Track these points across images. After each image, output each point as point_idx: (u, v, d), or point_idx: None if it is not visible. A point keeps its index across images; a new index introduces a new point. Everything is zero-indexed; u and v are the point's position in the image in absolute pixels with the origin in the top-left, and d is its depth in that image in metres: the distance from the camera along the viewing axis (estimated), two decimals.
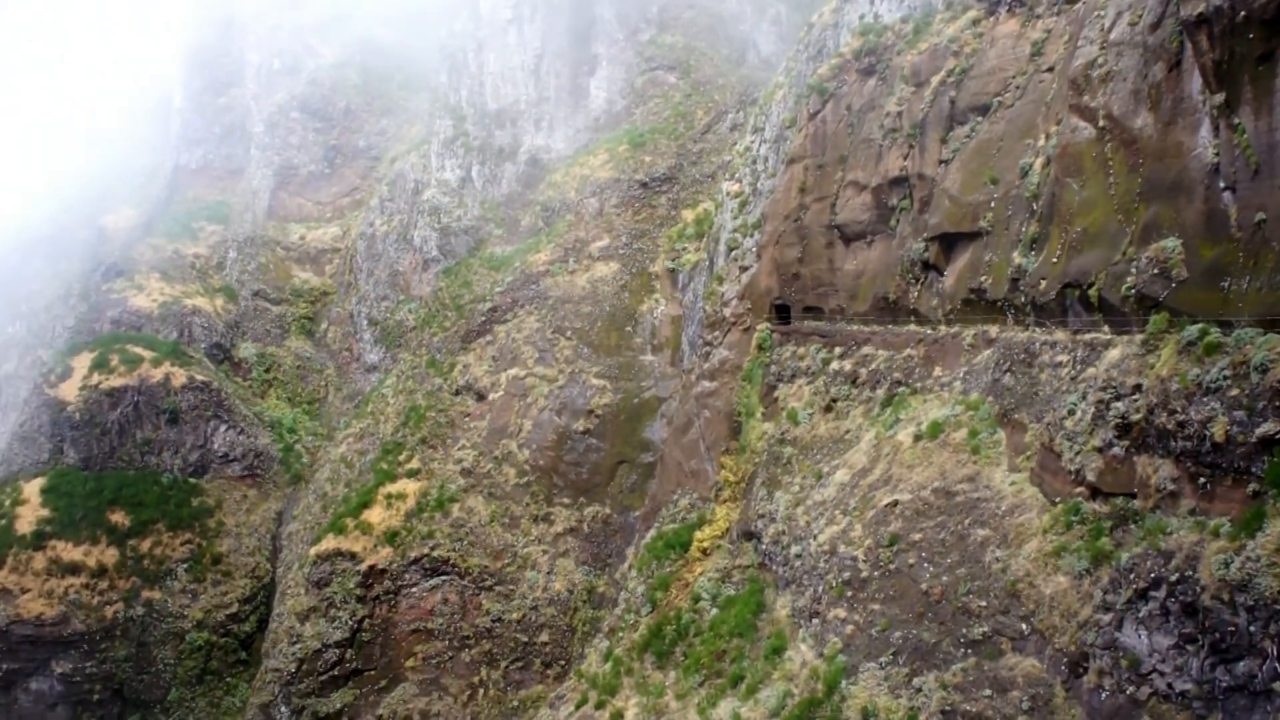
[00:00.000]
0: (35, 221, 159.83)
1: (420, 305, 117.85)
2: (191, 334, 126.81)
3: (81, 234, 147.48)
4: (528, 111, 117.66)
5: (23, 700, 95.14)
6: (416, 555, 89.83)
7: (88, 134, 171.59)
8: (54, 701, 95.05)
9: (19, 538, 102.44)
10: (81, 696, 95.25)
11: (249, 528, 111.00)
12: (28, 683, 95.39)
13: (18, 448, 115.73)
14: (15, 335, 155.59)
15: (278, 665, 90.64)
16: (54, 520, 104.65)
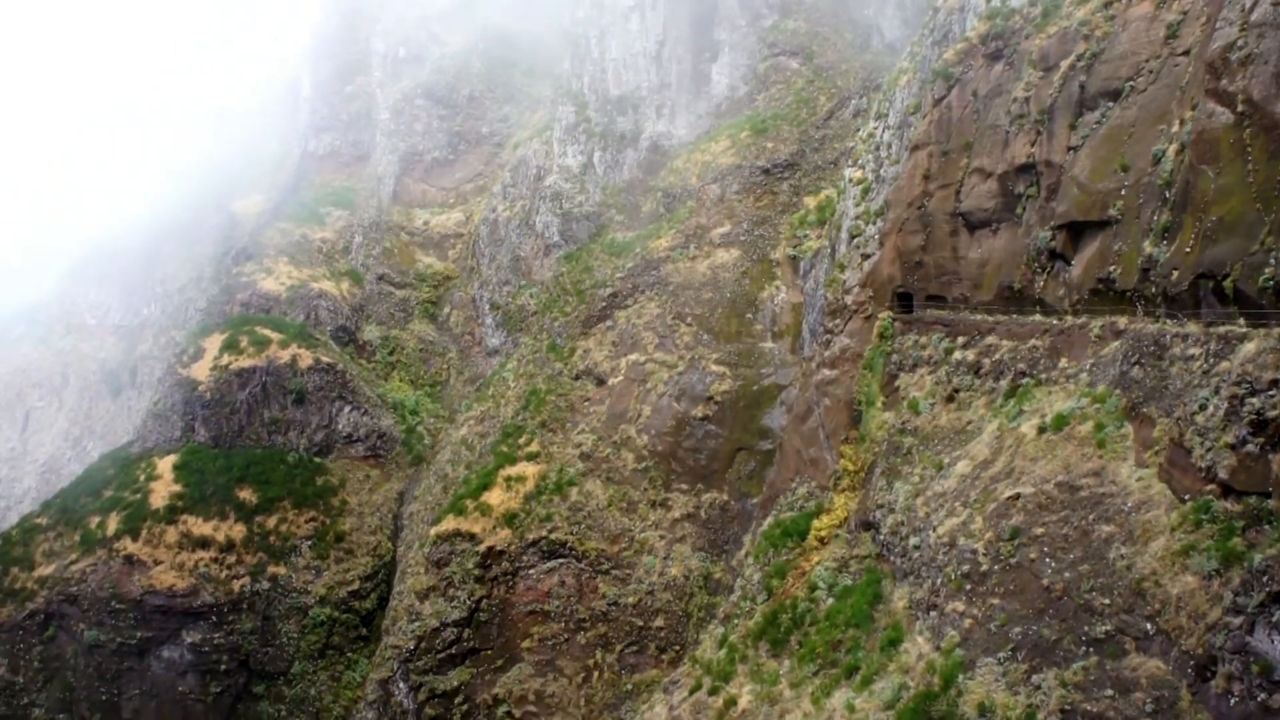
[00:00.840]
0: (169, 207, 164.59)
1: (541, 290, 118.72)
2: (318, 317, 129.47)
3: (213, 219, 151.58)
4: (649, 98, 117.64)
5: (155, 667, 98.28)
6: (534, 537, 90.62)
7: (219, 123, 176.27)
8: (184, 669, 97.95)
9: (153, 511, 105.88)
10: (210, 666, 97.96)
11: (371, 507, 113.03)
12: (160, 650, 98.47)
13: (152, 425, 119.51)
14: (151, 316, 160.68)
15: (397, 642, 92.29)
16: (185, 496, 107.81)
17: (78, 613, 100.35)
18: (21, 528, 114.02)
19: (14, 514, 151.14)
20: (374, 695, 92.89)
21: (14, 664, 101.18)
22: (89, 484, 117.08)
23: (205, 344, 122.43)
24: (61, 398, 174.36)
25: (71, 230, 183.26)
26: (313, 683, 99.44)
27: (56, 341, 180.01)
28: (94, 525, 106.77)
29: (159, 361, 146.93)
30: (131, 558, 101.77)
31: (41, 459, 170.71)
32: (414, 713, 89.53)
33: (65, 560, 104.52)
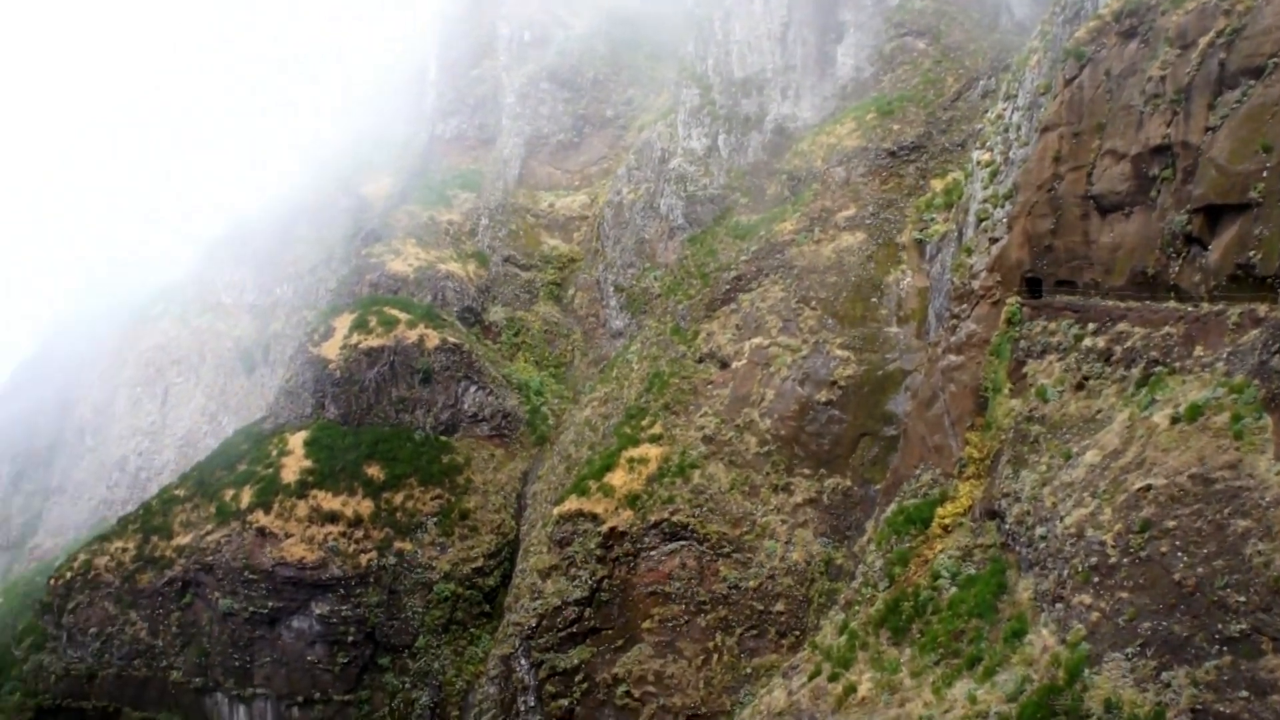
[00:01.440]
0: (301, 191, 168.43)
1: (666, 273, 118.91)
2: (445, 298, 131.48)
3: (343, 202, 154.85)
4: (774, 80, 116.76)
5: (285, 636, 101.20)
6: (656, 519, 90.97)
7: (349, 108, 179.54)
8: (313, 640, 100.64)
9: (284, 486, 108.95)
10: (337, 637, 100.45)
11: (495, 486, 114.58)
12: (290, 620, 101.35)
13: (284, 402, 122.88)
14: (283, 296, 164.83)
15: (519, 619, 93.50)
16: (315, 471, 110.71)
17: (213, 581, 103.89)
18: (161, 498, 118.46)
19: (154, 485, 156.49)
20: (496, 671, 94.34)
21: (154, 628, 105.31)
22: (224, 458, 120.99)
23: (335, 323, 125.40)
24: (199, 374, 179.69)
25: (208, 213, 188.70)
26: (436, 656, 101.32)
27: (194, 320, 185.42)
28: (229, 498, 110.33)
29: (291, 340, 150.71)
30: (264, 530, 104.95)
31: (180, 433, 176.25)
32: (534, 689, 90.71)
33: (201, 531, 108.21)
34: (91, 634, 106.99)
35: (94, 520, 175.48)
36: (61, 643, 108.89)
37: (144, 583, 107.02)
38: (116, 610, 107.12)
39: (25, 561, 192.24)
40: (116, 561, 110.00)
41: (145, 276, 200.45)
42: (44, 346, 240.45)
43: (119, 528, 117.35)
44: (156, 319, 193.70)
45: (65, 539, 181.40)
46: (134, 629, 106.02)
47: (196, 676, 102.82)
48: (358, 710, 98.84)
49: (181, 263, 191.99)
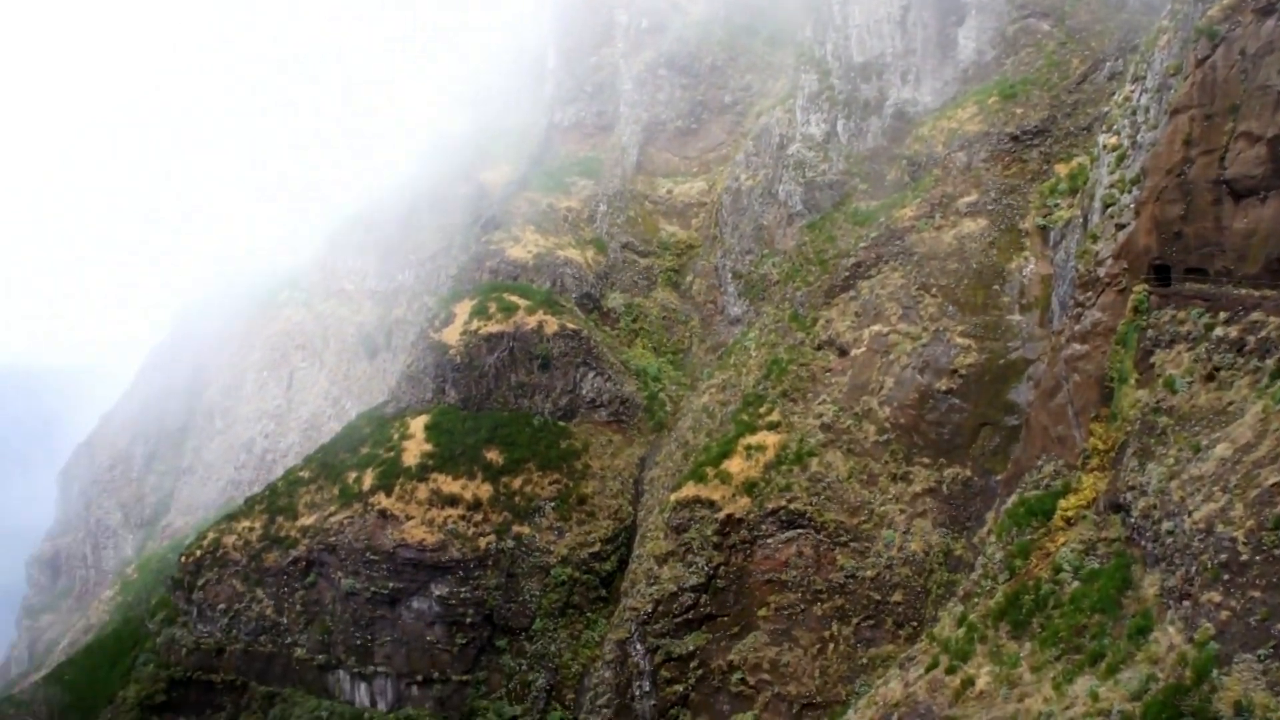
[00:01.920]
0: (423, 179, 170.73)
1: (784, 259, 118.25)
2: (563, 284, 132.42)
3: (463, 189, 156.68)
4: (893, 64, 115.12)
5: (405, 616, 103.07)
6: (774, 507, 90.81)
7: (469, 96, 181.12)
8: (432, 620, 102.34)
9: (405, 469, 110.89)
10: (456, 618, 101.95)
11: (613, 471, 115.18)
12: (410, 601, 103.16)
13: (406, 386, 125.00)
14: (405, 282, 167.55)
15: (635, 604, 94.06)
16: (436, 455, 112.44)
17: (336, 561, 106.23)
18: (286, 480, 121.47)
19: (279, 467, 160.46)
20: (611, 655, 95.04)
21: (279, 605, 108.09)
22: (347, 441, 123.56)
23: (456, 309, 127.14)
24: (322, 359, 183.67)
25: (332, 202, 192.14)
26: (553, 639, 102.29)
27: (318, 305, 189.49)
28: (351, 480, 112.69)
29: (412, 326, 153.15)
30: (385, 512, 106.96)
31: (304, 416, 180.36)
32: (649, 675, 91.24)
33: (325, 512, 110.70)
34: (220, 610, 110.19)
35: (222, 500, 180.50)
36: (192, 617, 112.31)
37: (270, 561, 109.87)
38: (244, 588, 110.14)
39: (158, 539, 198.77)
40: (244, 540, 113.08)
41: (272, 264, 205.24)
42: (176, 332, 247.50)
43: (246, 508, 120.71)
44: (283, 305, 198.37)
45: (195, 518, 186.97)
46: (260, 606, 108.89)
47: (320, 653, 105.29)
48: (475, 690, 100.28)
49: (307, 250, 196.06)
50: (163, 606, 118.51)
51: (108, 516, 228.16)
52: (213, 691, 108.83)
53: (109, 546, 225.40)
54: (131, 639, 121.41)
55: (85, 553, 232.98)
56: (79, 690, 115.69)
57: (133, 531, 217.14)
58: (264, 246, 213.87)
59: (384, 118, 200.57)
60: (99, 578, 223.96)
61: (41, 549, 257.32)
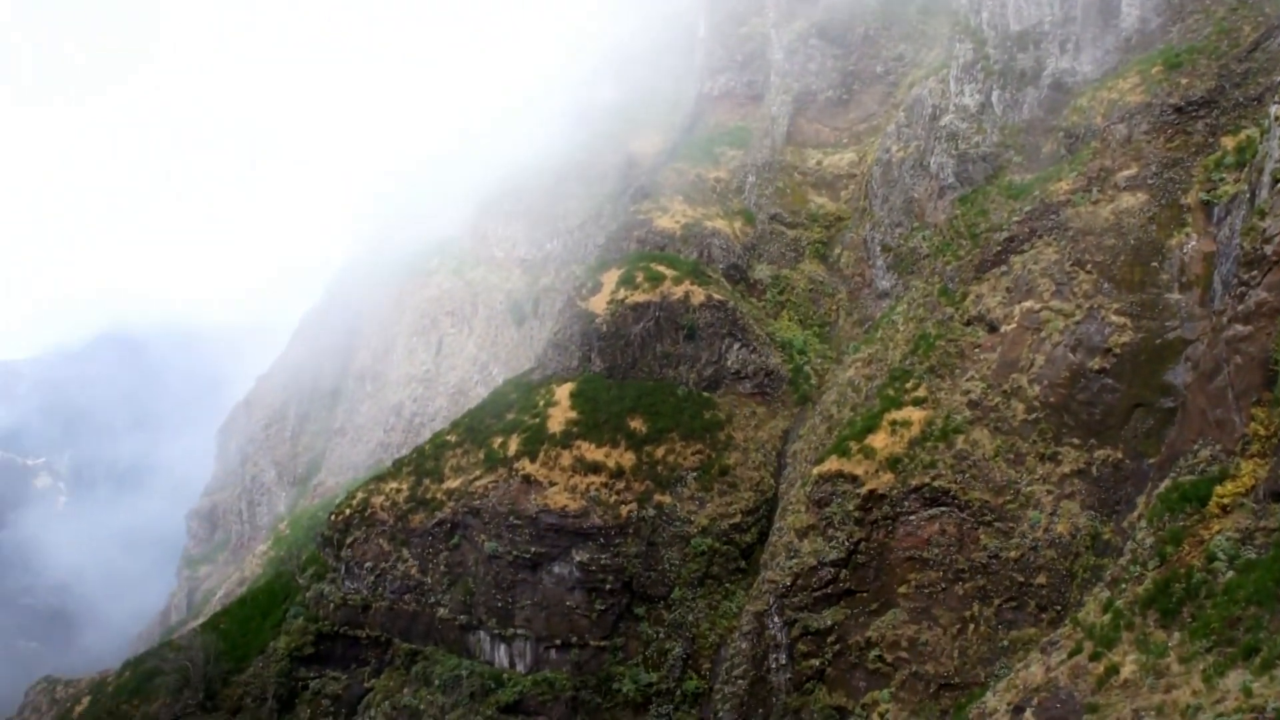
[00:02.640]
0: (572, 148, 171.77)
1: (934, 233, 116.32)
2: (710, 254, 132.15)
3: (612, 159, 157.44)
4: (1052, 33, 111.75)
5: (546, 581, 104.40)
6: (917, 483, 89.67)
7: (619, 65, 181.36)
8: (572, 585, 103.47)
9: (550, 435, 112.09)
10: (595, 584, 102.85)
11: (756, 443, 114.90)
12: (551, 566, 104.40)
13: (552, 354, 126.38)
14: (553, 251, 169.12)
15: (774, 577, 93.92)
16: (580, 422, 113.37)
17: (479, 524, 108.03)
18: (434, 443, 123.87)
19: (427, 430, 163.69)
20: (749, 627, 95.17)
21: (423, 566, 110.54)
22: (493, 407, 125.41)
23: (603, 278, 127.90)
24: (471, 325, 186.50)
25: (483, 170, 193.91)
26: (691, 609, 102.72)
27: (467, 272, 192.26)
28: (497, 445, 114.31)
29: (559, 294, 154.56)
30: (529, 477, 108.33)
31: (452, 381, 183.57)
32: (786, 648, 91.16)
33: (470, 476, 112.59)
34: (367, 568, 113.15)
35: (371, 461, 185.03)
36: (340, 574, 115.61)
37: (415, 523, 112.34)
38: (390, 547, 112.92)
39: (309, 497, 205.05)
40: (391, 501, 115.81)
41: (424, 231, 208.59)
42: (329, 297, 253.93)
43: (394, 469, 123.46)
44: (433, 272, 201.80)
45: (345, 478, 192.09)
46: (405, 565, 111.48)
47: (462, 614, 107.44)
48: (612, 656, 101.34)
49: (458, 218, 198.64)
50: (312, 562, 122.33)
51: (262, 474, 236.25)
52: (358, 646, 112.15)
53: (263, 503, 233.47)
54: (283, 592, 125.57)
55: (241, 508, 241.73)
56: (233, 639, 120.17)
57: (286, 489, 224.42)
58: (415, 214, 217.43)
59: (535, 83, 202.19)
60: (253, 532, 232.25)
61: (200, 503, 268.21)
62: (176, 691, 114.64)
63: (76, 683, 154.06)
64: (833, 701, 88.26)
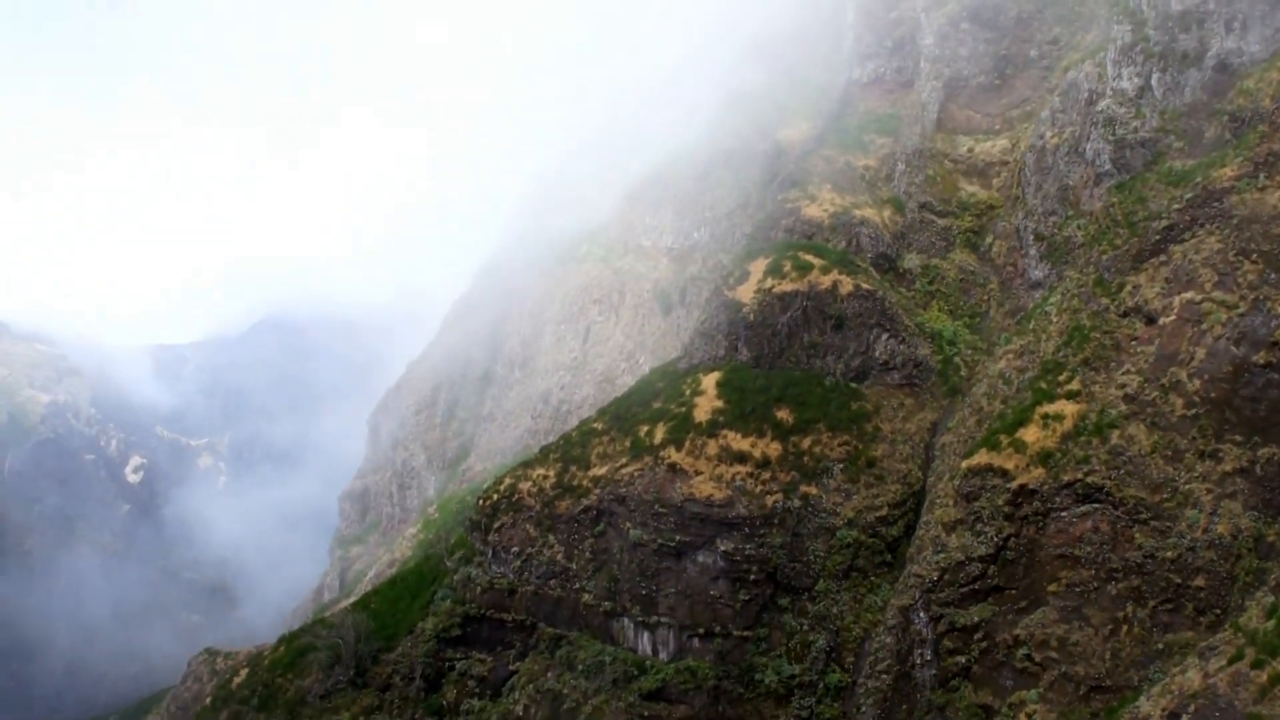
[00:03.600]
0: (719, 135, 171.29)
1: (1089, 221, 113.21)
2: (859, 244, 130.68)
3: (760, 147, 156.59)
4: (1217, 11, 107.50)
5: (690, 570, 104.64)
6: (1069, 479, 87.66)
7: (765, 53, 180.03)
8: (716, 575, 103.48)
9: (696, 424, 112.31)
10: (739, 574, 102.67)
11: (904, 435, 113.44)
12: (695, 555, 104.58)
13: (699, 343, 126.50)
14: (699, 240, 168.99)
15: (920, 571, 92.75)
16: (726, 412, 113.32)
17: (625, 512, 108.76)
18: (580, 431, 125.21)
19: (574, 418, 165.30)
20: (893, 621, 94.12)
21: (569, 552, 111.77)
22: (640, 395, 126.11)
23: (750, 267, 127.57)
24: (618, 314, 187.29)
25: (630, 159, 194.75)
26: (835, 601, 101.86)
27: (615, 261, 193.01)
28: (643, 433, 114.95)
29: (706, 283, 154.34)
30: (675, 466, 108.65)
31: (599, 369, 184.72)
32: (932, 644, 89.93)
33: (616, 463, 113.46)
34: (513, 553, 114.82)
35: (518, 447, 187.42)
36: (487, 558, 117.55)
37: (562, 509, 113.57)
38: (536, 533, 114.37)
39: (458, 481, 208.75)
40: (538, 487, 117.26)
41: (572, 219, 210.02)
42: (478, 284, 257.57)
43: (541, 456, 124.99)
44: (581, 260, 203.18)
45: (493, 463, 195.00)
46: (551, 551, 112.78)
47: (606, 600, 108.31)
48: (755, 647, 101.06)
49: (605, 207, 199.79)
50: (460, 546, 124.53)
51: (413, 458, 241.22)
52: (504, 629, 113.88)
53: (413, 486, 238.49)
54: (431, 575, 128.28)
55: (391, 491, 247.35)
56: (382, 618, 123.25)
57: (435, 473, 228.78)
58: (565, 201, 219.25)
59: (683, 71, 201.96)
60: (403, 515, 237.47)
61: (352, 485, 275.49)
62: (328, 668, 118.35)
63: (235, 655, 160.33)
64: (979, 700, 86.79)
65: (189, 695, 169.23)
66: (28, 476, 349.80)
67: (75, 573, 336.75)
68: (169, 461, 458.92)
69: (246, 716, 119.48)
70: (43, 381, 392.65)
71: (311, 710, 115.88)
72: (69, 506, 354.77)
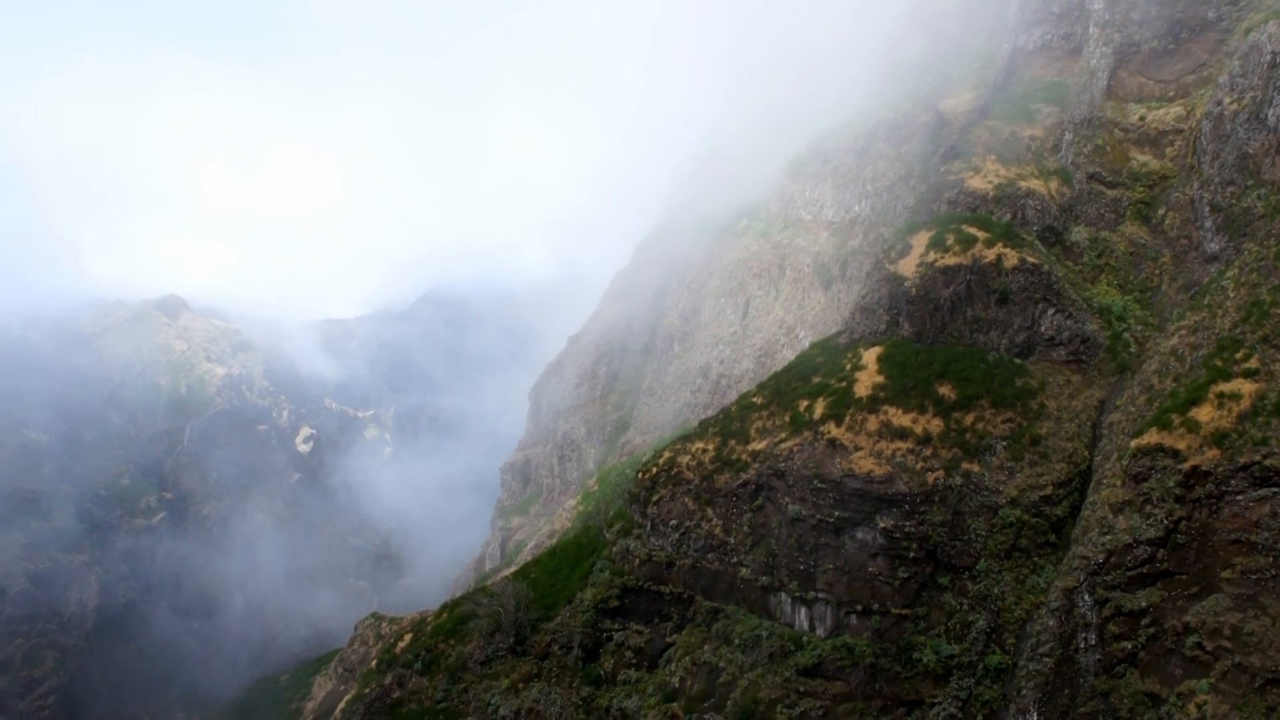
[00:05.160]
0: (879, 106, 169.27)
1: (1271, 191, 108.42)
2: (1024, 216, 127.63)
3: (922, 119, 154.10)
4: None
5: (849, 546, 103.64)
6: (1246, 461, 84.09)
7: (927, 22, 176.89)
8: (875, 552, 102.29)
9: (856, 400, 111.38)
10: (899, 551, 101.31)
11: (1070, 413, 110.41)
12: (854, 531, 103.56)
13: (859, 317, 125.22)
14: (861, 213, 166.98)
15: (1086, 553, 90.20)
16: (887, 387, 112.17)
17: (783, 487, 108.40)
18: (740, 405, 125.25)
19: (733, 392, 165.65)
20: (1057, 604, 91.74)
21: (727, 526, 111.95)
22: (799, 370, 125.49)
23: (912, 241, 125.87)
24: (778, 288, 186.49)
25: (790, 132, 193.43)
26: (996, 581, 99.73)
27: (775, 235, 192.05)
28: (802, 408, 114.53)
29: (867, 257, 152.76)
30: (834, 441, 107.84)
31: (758, 343, 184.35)
32: (1096, 628, 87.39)
33: (775, 438, 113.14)
34: (672, 525, 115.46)
35: (677, 421, 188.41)
36: (645, 530, 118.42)
37: (720, 483, 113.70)
38: (695, 506, 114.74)
39: (618, 454, 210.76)
40: (697, 461, 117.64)
41: (732, 193, 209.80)
42: (638, 259, 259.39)
43: (700, 430, 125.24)
44: (741, 234, 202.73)
45: (652, 436, 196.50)
46: (709, 525, 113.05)
47: (763, 575, 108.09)
48: (914, 625, 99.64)
49: (766, 180, 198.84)
50: (619, 518, 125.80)
51: (573, 431, 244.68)
52: (661, 601, 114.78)
53: (573, 459, 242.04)
54: (590, 546, 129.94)
55: (552, 463, 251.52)
56: (541, 588, 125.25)
57: (594, 446, 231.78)
58: (724, 176, 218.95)
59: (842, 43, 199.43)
60: (563, 487, 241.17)
61: (514, 457, 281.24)
62: (489, 635, 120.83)
63: (399, 620, 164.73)
64: (1145, 688, 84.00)
65: (355, 657, 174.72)
66: (206, 445, 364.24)
67: (248, 538, 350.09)
68: (336, 432, 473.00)
69: (410, 680, 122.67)
70: (219, 355, 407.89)
71: (472, 676, 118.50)
72: (243, 474, 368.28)
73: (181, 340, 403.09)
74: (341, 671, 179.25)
